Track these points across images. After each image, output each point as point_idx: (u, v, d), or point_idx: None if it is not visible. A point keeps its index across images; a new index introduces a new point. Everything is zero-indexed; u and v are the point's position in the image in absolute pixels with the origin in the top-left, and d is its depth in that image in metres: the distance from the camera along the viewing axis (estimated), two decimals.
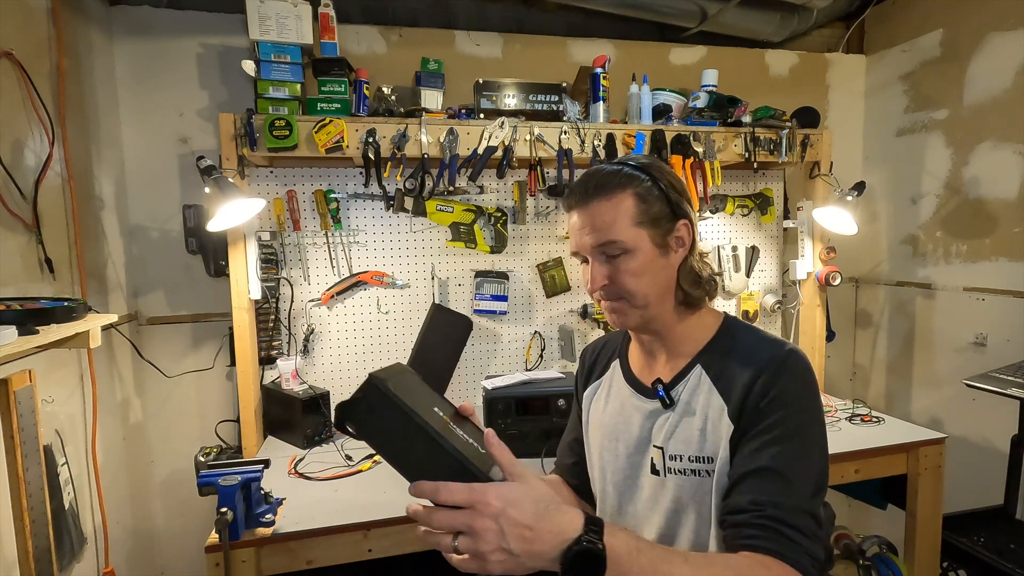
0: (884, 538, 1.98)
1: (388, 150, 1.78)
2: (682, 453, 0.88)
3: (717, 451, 0.84)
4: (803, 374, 0.84)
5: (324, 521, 1.35)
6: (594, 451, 1.04)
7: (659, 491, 0.91)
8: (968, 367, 2.17)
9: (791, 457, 0.79)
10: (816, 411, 0.84)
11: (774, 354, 0.84)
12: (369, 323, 2.06)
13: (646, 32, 2.42)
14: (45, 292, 1.51)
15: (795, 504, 0.76)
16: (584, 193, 0.90)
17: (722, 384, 0.87)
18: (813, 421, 0.84)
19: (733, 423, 0.83)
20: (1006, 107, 2.10)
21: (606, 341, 1.13)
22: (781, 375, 0.82)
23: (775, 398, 0.81)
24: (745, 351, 0.88)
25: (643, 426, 0.94)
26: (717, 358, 0.90)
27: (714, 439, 0.85)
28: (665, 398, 0.91)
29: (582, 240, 0.91)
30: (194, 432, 2.08)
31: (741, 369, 0.85)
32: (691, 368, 0.91)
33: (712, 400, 0.87)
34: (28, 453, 1.21)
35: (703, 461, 0.86)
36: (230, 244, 1.75)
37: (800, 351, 0.87)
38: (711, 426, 0.85)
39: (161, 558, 2.10)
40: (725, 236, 2.35)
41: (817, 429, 0.84)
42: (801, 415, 0.82)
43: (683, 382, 0.91)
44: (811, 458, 0.81)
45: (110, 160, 1.90)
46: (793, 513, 0.75)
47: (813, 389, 0.85)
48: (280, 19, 1.70)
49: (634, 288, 0.88)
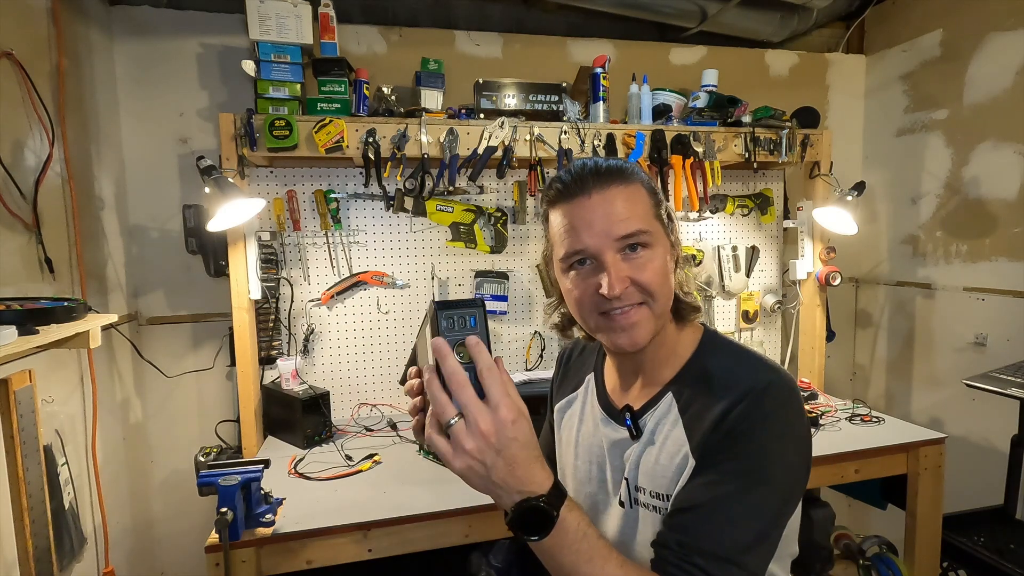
0: (884, 538, 1.98)
1: (388, 150, 1.78)
2: (646, 487, 0.81)
3: (673, 488, 0.77)
4: (780, 407, 0.74)
5: (324, 521, 1.35)
6: (567, 470, 0.97)
7: (627, 523, 0.84)
8: (968, 367, 2.17)
9: (735, 498, 0.70)
10: (784, 450, 0.73)
11: (752, 385, 0.74)
12: (369, 323, 2.06)
13: (646, 32, 2.42)
14: (45, 292, 1.51)
15: (724, 554, 0.68)
16: (597, 177, 0.77)
17: (688, 418, 0.78)
18: (777, 460, 0.72)
19: (695, 459, 0.75)
20: (1006, 107, 2.10)
21: (583, 347, 1.03)
22: (755, 408, 0.72)
23: (741, 432, 0.72)
24: (721, 379, 0.78)
25: (612, 454, 0.87)
26: (689, 386, 0.81)
27: (673, 475, 0.77)
28: (632, 428, 0.84)
29: (596, 232, 0.76)
30: (194, 432, 2.08)
31: (714, 402, 0.75)
32: (662, 396, 0.82)
33: (673, 433, 0.79)
34: (28, 453, 1.21)
35: (663, 499, 0.78)
36: (230, 244, 1.75)
37: (784, 378, 0.76)
38: (667, 459, 0.78)
39: (161, 558, 2.10)
40: (725, 236, 2.35)
41: (779, 470, 0.72)
42: (762, 452, 0.72)
43: (652, 411, 0.83)
44: (760, 503, 0.71)
45: (110, 160, 1.90)
46: (719, 564, 0.67)
47: (787, 423, 0.74)
48: (280, 19, 1.70)
49: (658, 288, 0.77)
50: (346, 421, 1.99)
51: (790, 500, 0.75)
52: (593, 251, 0.77)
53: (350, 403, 2.07)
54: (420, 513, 1.38)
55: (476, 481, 0.60)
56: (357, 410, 2.06)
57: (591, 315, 0.80)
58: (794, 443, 0.75)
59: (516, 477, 0.59)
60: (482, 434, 0.57)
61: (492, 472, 0.58)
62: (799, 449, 0.76)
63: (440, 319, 0.60)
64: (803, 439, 0.77)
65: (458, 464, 0.59)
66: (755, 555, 0.71)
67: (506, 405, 0.58)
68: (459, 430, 0.58)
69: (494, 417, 0.58)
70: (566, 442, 0.98)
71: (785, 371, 0.79)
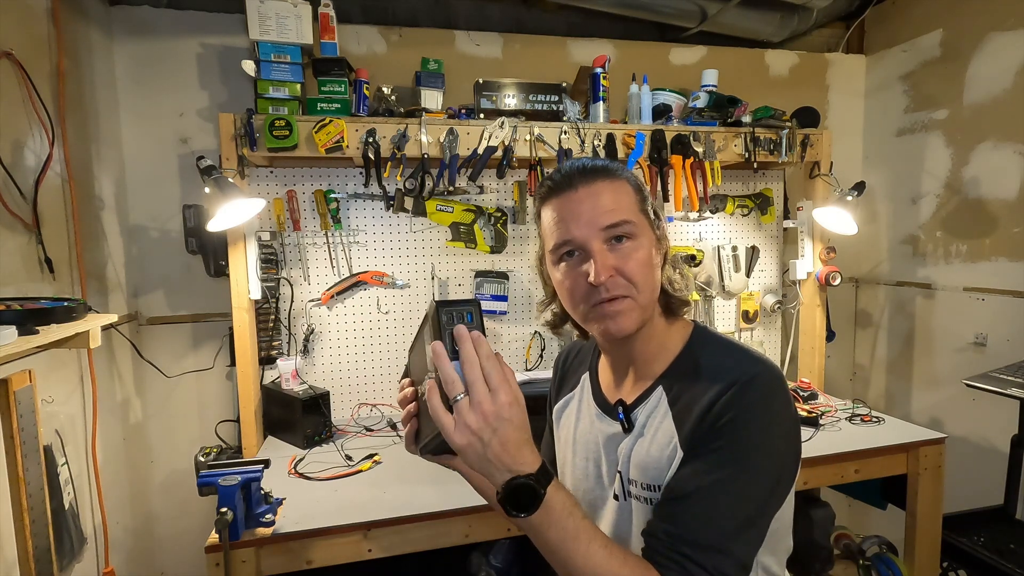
0: (884, 538, 1.98)
1: (388, 150, 1.78)
2: (637, 479, 0.83)
3: (663, 479, 0.79)
4: (765, 397, 0.76)
5: (324, 521, 1.35)
6: (566, 468, 0.99)
7: (622, 516, 0.87)
8: (968, 367, 2.17)
9: (720, 487, 0.73)
10: (770, 438, 0.75)
11: (738, 376, 0.76)
12: (369, 323, 2.06)
13: (646, 32, 2.42)
14: (45, 292, 1.51)
15: (710, 542, 0.71)
16: (584, 174, 0.82)
17: (677, 409, 0.81)
18: (764, 448, 0.75)
19: (684, 450, 0.78)
20: (1006, 107, 2.10)
21: (580, 348, 1.07)
22: (741, 397, 0.75)
23: (727, 422, 0.74)
24: (709, 371, 0.80)
25: (607, 448, 0.90)
26: (679, 379, 0.83)
27: (662, 466, 0.80)
28: (624, 421, 0.86)
29: (583, 223, 0.80)
30: (194, 432, 2.08)
31: (701, 393, 0.78)
32: (653, 390, 0.85)
33: (663, 425, 0.81)
34: (28, 453, 1.21)
35: (654, 490, 0.81)
36: (230, 244, 1.75)
37: (771, 369, 0.79)
38: (657, 451, 0.81)
39: (161, 558, 2.10)
40: (725, 236, 2.35)
41: (765, 458, 0.75)
42: (748, 441, 0.74)
43: (643, 404, 0.86)
44: (746, 491, 0.73)
45: (110, 160, 1.90)
46: (704, 553, 0.70)
47: (775, 412, 0.77)
48: (280, 19, 1.70)
49: (641, 279, 0.81)
50: (346, 421, 1.99)
51: (777, 487, 0.77)
52: (580, 241, 0.81)
53: (350, 403, 2.07)
54: (420, 513, 1.38)
55: (472, 457, 0.63)
56: (357, 410, 2.06)
57: (580, 305, 0.83)
58: (780, 431, 0.77)
59: (509, 454, 0.63)
60: (483, 413, 0.61)
61: (488, 449, 0.62)
62: (786, 437, 0.78)
63: (441, 315, 0.66)
64: (790, 428, 0.80)
65: (458, 438, 0.62)
66: (741, 542, 0.73)
67: (504, 390, 0.62)
68: (463, 406, 0.62)
69: (494, 398, 0.62)
70: (564, 441, 1.00)
71: (772, 362, 0.82)
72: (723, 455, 0.74)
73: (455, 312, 0.66)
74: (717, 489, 0.73)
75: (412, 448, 0.78)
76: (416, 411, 0.75)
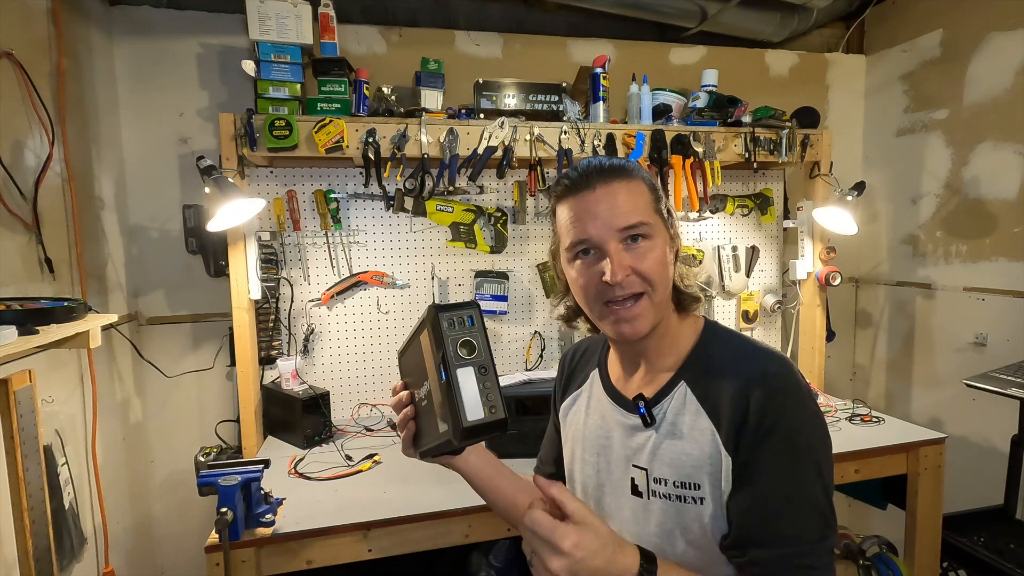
0: (884, 538, 1.98)
1: (388, 150, 1.78)
2: (667, 477, 0.82)
3: (704, 478, 0.79)
4: (796, 387, 0.78)
5: (324, 521, 1.35)
6: (575, 465, 0.98)
7: (642, 513, 0.86)
8: (968, 367, 2.17)
9: (802, 486, 0.75)
10: (819, 426, 0.79)
11: (762, 370, 0.78)
12: (369, 323, 2.06)
13: (646, 32, 2.42)
14: (45, 292, 1.51)
15: (810, 537, 0.74)
16: (601, 173, 0.82)
17: (709, 405, 0.81)
18: (818, 439, 0.78)
19: (730, 454, 0.78)
20: (1006, 107, 2.10)
21: (586, 347, 1.06)
22: (776, 394, 0.76)
23: (776, 422, 0.75)
24: (729, 365, 0.82)
25: (624, 442, 0.89)
26: (701, 374, 0.84)
27: (706, 466, 0.79)
28: (647, 416, 0.85)
29: (600, 223, 0.80)
30: (194, 432, 2.08)
31: (727, 386, 0.79)
32: (675, 385, 0.85)
33: (699, 423, 0.81)
34: (28, 453, 1.21)
35: (689, 487, 0.81)
36: (230, 244, 1.75)
37: (786, 359, 0.82)
38: (699, 451, 0.80)
39: (161, 558, 2.10)
40: (725, 236, 2.35)
41: (821, 446, 0.78)
42: (809, 437, 0.77)
43: (667, 399, 0.85)
44: (819, 482, 0.76)
45: (110, 160, 1.90)
46: (812, 552, 0.73)
47: (811, 400, 0.79)
48: (280, 19, 1.70)
49: (657, 277, 0.81)
50: (346, 421, 1.99)
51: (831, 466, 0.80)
52: (597, 241, 0.81)
53: (350, 403, 2.07)
54: (420, 513, 1.38)
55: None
56: (357, 410, 2.06)
57: (595, 303, 0.84)
58: (818, 418, 0.79)
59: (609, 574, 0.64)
60: (556, 570, 0.62)
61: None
62: (822, 421, 0.80)
63: (441, 320, 0.63)
64: (819, 412, 0.81)
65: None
66: (829, 528, 0.76)
67: (560, 537, 0.62)
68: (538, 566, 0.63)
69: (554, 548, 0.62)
70: (572, 438, 1.00)
71: (780, 352, 0.84)
72: (789, 457, 0.75)
73: (455, 317, 0.64)
74: (797, 488, 0.75)
75: (410, 452, 0.77)
76: (413, 414, 0.73)
